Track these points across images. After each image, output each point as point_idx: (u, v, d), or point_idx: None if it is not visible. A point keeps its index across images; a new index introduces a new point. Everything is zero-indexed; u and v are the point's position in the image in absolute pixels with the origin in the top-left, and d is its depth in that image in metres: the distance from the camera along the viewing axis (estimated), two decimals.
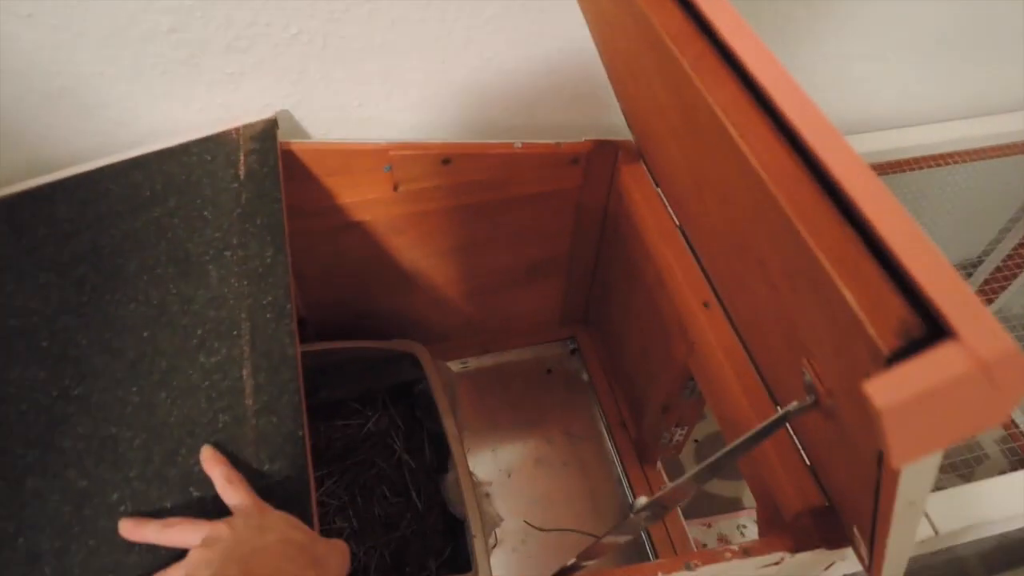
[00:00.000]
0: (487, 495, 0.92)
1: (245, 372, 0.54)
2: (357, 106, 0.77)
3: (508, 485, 0.95)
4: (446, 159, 0.76)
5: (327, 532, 0.86)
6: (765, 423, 0.41)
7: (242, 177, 0.65)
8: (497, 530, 0.90)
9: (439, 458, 0.92)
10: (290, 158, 0.72)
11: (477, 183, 0.79)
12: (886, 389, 0.21)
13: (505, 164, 0.78)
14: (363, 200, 0.78)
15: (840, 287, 0.26)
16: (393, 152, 0.74)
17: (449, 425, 0.87)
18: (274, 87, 0.72)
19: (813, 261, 0.28)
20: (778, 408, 0.54)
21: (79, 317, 0.57)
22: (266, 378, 0.54)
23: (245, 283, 0.59)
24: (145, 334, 0.56)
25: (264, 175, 0.65)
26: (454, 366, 1.04)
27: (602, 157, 0.80)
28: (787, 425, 0.54)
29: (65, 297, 0.58)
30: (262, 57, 0.68)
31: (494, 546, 0.90)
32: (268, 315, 0.57)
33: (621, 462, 0.95)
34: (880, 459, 0.31)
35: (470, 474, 0.84)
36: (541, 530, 0.91)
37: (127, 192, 0.65)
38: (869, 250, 0.25)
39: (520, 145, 0.78)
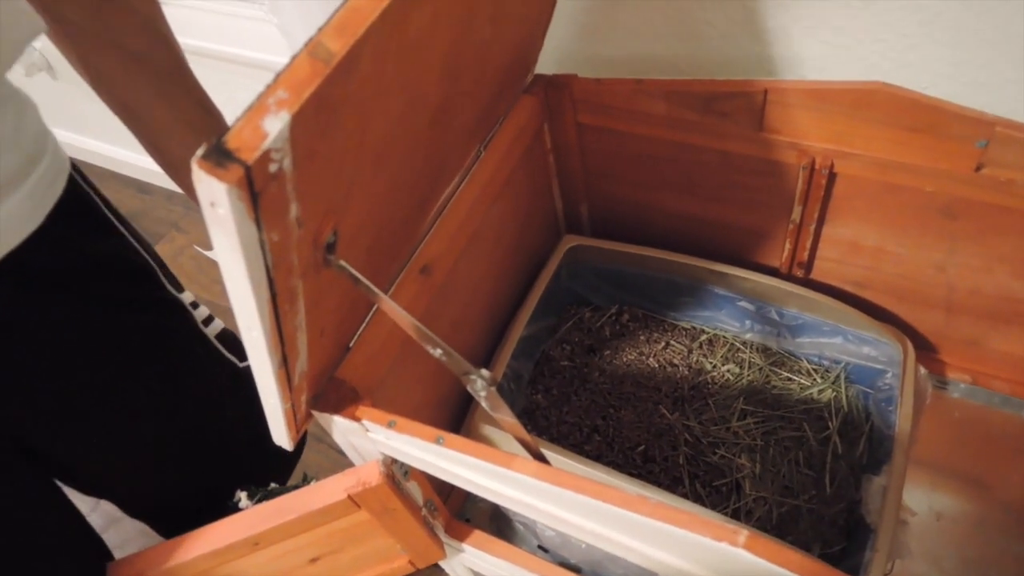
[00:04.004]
0: (905, 522, 0.83)
1: None
2: (976, 66, 0.69)
3: (932, 527, 0.84)
4: None
5: (726, 463, 0.88)
6: None
7: None
8: (898, 560, 0.81)
9: (872, 458, 0.85)
10: (882, 97, 0.68)
11: None
12: None
13: None
14: (932, 167, 0.71)
15: None
16: (1000, 128, 0.65)
17: (903, 432, 0.79)
18: (896, 23, 0.69)
19: None
20: None
21: None
22: None
23: None
24: None
25: None
26: (931, 379, 0.92)
27: None
28: None
29: None
30: None
31: (887, 575, 0.82)
32: None
33: None
34: None
35: (901, 493, 0.76)
36: None
37: None
38: None
39: None
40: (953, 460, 0.88)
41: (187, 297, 0.75)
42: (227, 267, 0.33)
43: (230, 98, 0.76)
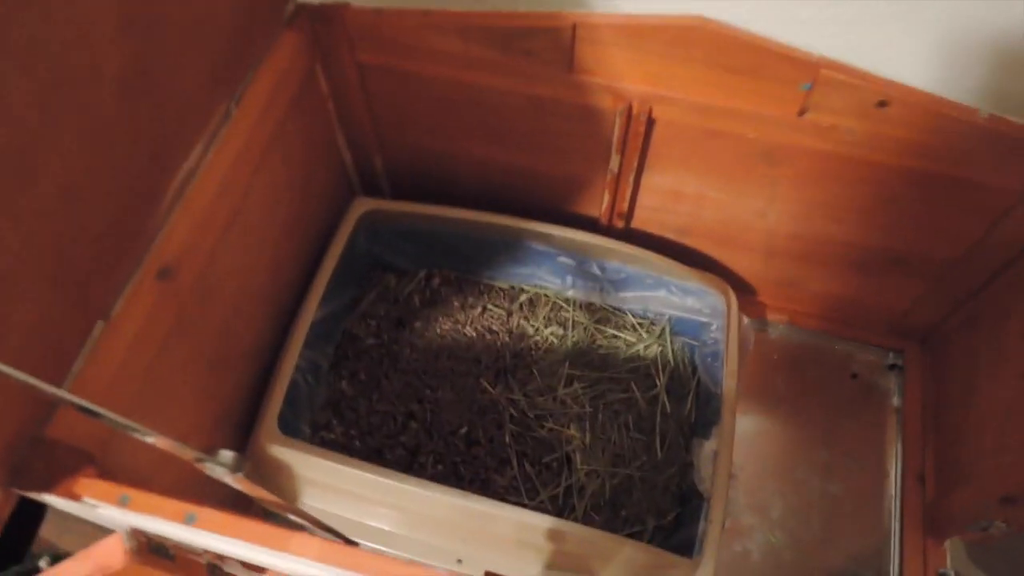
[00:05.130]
0: (734, 477, 0.81)
1: None
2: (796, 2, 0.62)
3: (758, 478, 0.83)
4: (883, 101, 0.59)
5: (555, 436, 0.81)
6: None
7: None
8: (729, 520, 0.80)
9: (701, 418, 0.81)
10: (702, 34, 0.59)
11: (908, 143, 0.62)
12: None
13: (955, 132, 0.60)
14: (755, 112, 0.65)
15: None
16: (825, 70, 0.59)
17: (730, 391, 0.75)
18: None
19: None
20: None
21: None
22: None
23: None
24: None
25: None
26: (752, 324, 0.90)
27: None
28: None
29: None
30: None
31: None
32: None
33: (901, 518, 0.79)
34: None
35: (732, 457, 0.73)
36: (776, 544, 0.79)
37: None
38: None
39: (987, 116, 0.59)
40: (775, 401, 0.87)
41: None
42: None
43: None
